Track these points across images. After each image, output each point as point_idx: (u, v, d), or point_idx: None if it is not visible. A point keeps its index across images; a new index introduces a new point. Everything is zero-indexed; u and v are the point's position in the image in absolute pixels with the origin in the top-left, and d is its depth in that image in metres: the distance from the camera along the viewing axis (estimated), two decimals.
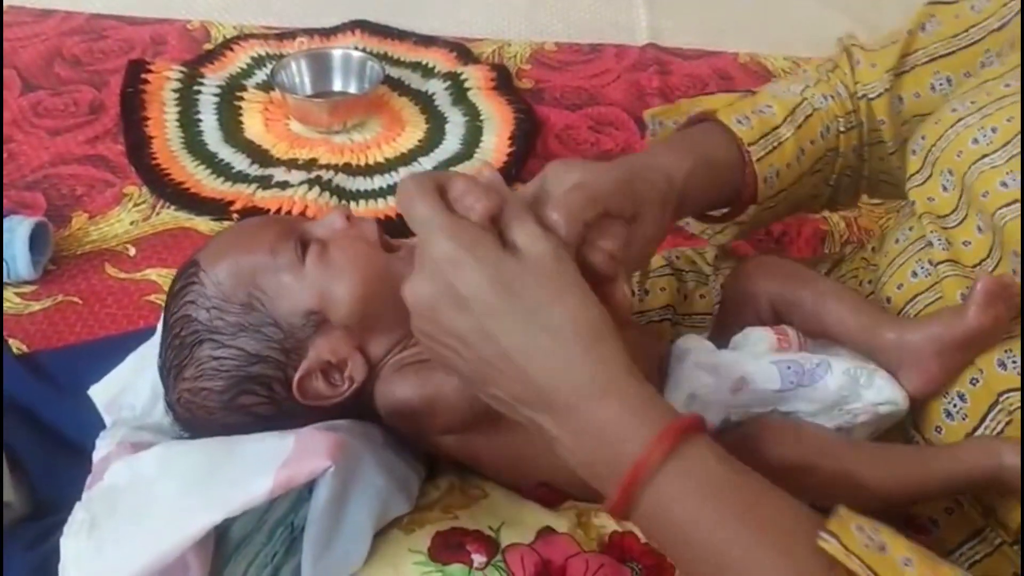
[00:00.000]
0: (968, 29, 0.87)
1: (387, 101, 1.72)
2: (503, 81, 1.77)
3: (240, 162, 1.55)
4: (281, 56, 1.76)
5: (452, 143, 1.62)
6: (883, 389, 0.70)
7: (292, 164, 1.55)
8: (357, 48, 1.80)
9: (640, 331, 0.84)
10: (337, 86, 1.72)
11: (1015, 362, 0.68)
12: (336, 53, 1.74)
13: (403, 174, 1.54)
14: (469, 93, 1.73)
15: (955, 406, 0.71)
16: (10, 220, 1.25)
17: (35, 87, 1.69)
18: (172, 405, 0.78)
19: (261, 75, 1.76)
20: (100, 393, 0.86)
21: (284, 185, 1.48)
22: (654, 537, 0.61)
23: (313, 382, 0.74)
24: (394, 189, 1.52)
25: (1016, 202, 0.69)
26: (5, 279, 1.23)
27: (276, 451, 0.67)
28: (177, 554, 0.64)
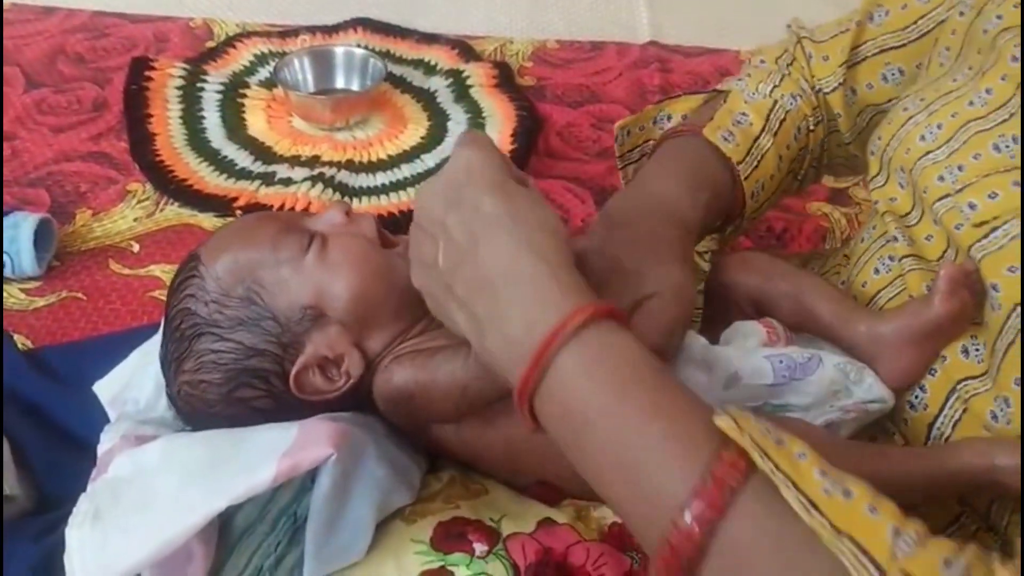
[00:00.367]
0: (917, 21, 0.87)
1: (389, 98, 1.73)
2: (505, 79, 1.77)
3: (243, 159, 1.55)
4: (284, 53, 1.77)
5: (454, 140, 1.62)
6: (872, 387, 0.70)
7: (295, 161, 1.55)
8: (360, 46, 1.81)
9: None
10: (340, 83, 1.73)
11: (978, 349, 0.68)
12: (339, 51, 1.75)
13: (405, 171, 1.54)
14: (471, 90, 1.73)
15: (917, 397, 0.71)
16: (15, 217, 1.26)
17: (38, 84, 1.69)
18: (173, 398, 0.78)
19: (264, 72, 1.76)
20: (104, 389, 0.87)
21: (287, 182, 1.49)
22: (556, 429, 0.58)
23: (310, 377, 0.74)
24: (396, 186, 1.52)
25: (948, 196, 0.69)
26: (11, 275, 1.24)
27: (279, 440, 0.67)
28: (181, 542, 0.64)
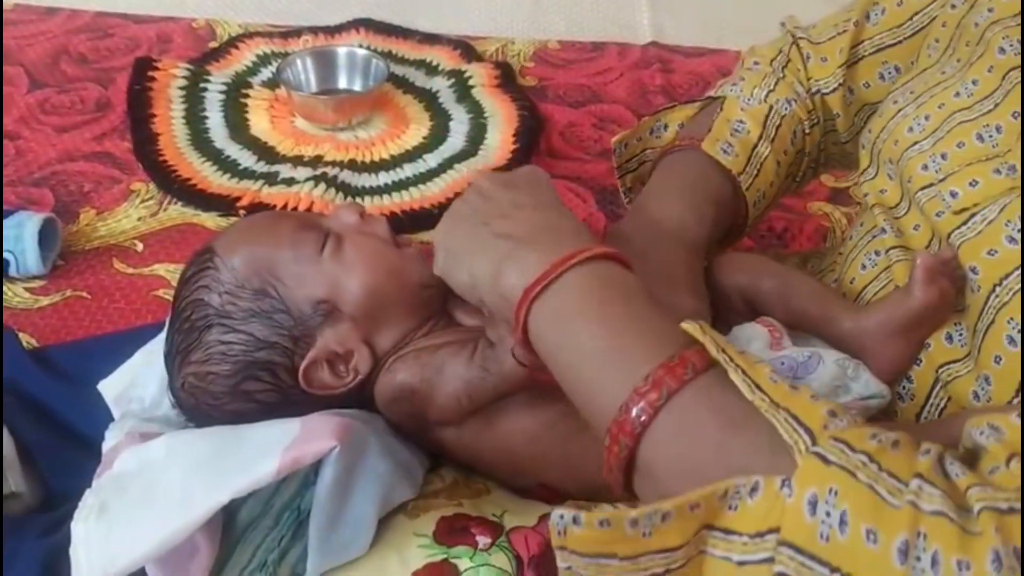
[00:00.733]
0: (912, 17, 0.88)
1: (391, 98, 1.73)
2: (507, 79, 1.77)
3: (246, 159, 1.55)
4: (286, 54, 1.77)
5: (456, 140, 1.63)
6: (869, 383, 0.70)
7: (298, 161, 1.55)
8: (362, 46, 1.81)
9: None
10: (342, 84, 1.73)
11: (961, 335, 0.68)
12: (341, 51, 1.75)
13: (408, 171, 1.55)
14: (473, 91, 1.74)
15: (904, 388, 0.71)
16: (19, 216, 1.26)
17: (42, 84, 1.69)
18: (176, 392, 0.79)
19: (267, 73, 1.76)
20: (109, 387, 0.88)
21: (290, 181, 1.49)
22: (544, 331, 0.60)
23: (319, 371, 0.75)
24: (398, 185, 1.52)
25: (931, 185, 0.70)
26: (16, 274, 1.24)
27: (282, 434, 0.68)
28: (185, 536, 0.65)
